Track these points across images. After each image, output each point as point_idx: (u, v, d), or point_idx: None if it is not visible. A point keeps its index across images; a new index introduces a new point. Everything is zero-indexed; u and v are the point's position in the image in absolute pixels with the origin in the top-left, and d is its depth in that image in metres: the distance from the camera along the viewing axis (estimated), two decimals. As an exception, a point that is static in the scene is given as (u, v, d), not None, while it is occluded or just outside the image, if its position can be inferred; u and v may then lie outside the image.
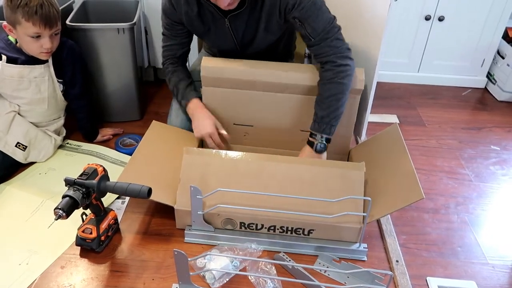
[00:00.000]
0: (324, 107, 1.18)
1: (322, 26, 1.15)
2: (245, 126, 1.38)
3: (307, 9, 1.13)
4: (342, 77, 1.16)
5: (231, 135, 1.38)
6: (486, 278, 1.10)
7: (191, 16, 1.24)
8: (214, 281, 1.03)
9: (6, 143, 1.36)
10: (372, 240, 1.18)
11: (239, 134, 1.39)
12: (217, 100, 1.34)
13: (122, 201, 1.30)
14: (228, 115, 1.36)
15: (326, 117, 1.18)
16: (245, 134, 1.39)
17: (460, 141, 1.70)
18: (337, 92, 1.17)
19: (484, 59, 2.05)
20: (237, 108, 1.35)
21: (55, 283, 1.04)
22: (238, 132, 1.39)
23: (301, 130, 1.35)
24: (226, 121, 1.36)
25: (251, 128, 1.38)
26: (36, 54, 1.31)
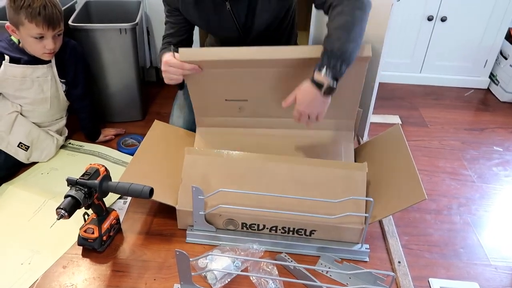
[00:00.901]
0: (332, 40, 0.99)
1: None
2: (238, 101, 1.26)
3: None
4: (352, 8, 1.00)
5: (224, 111, 1.28)
6: (489, 279, 1.10)
7: (187, 3, 1.19)
8: (215, 281, 1.03)
9: (9, 143, 1.36)
10: (374, 241, 1.18)
11: (233, 108, 1.28)
12: (202, 80, 1.19)
13: (124, 201, 1.30)
14: (218, 93, 1.24)
15: (337, 51, 0.98)
16: (239, 108, 1.28)
17: (462, 142, 1.69)
18: (347, 22, 0.99)
19: (487, 60, 2.04)
20: (227, 87, 1.22)
21: (57, 283, 1.04)
22: (232, 107, 1.28)
23: None
24: (216, 99, 1.25)
25: (246, 102, 1.27)
26: (39, 55, 1.31)
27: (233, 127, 1.32)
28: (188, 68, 1.11)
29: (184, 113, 1.42)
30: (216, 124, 1.32)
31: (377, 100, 1.44)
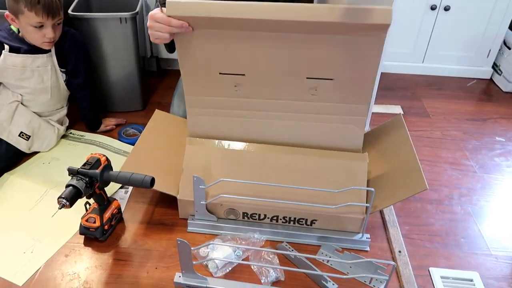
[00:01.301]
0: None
1: None
2: (234, 75, 1.07)
3: None
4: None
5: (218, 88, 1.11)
6: (489, 269, 1.10)
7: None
8: (216, 270, 1.03)
9: (10, 132, 1.36)
10: (375, 230, 1.18)
11: (229, 86, 1.10)
12: (194, 47, 1.02)
13: (125, 190, 1.30)
14: (211, 62, 1.05)
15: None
16: (236, 85, 1.10)
17: (464, 132, 1.69)
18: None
19: (490, 49, 2.02)
20: (222, 55, 1.03)
21: (60, 271, 1.04)
22: (227, 83, 1.09)
23: (308, 77, 1.06)
24: (209, 71, 1.07)
25: (243, 77, 1.08)
26: (39, 44, 1.30)
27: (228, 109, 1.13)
28: (175, 25, 0.94)
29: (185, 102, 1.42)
30: (208, 106, 1.15)
31: (379, 90, 1.43)
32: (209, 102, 1.09)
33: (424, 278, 1.06)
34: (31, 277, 1.03)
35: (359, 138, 1.16)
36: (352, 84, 1.06)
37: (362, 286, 1.03)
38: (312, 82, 1.07)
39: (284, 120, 1.13)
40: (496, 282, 1.07)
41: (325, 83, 1.04)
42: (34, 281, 1.02)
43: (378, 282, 1.03)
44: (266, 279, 1.02)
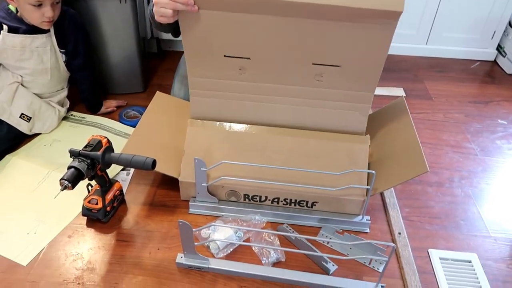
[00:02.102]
0: None
1: None
2: (239, 58, 1.06)
3: None
4: None
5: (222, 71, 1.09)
6: (488, 250, 1.11)
7: None
8: (218, 251, 1.05)
9: (11, 114, 1.36)
10: (375, 212, 1.19)
11: (233, 69, 1.09)
12: (199, 25, 1.00)
13: (127, 172, 1.30)
14: (216, 45, 1.03)
15: None
16: (240, 68, 1.09)
17: (466, 115, 1.68)
18: None
19: (495, 31, 2.00)
20: (227, 37, 1.02)
21: (63, 252, 1.06)
22: (231, 66, 1.08)
23: (314, 63, 1.05)
24: (213, 53, 1.06)
25: (248, 61, 1.06)
26: (38, 24, 1.28)
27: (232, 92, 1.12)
28: (181, 2, 0.93)
29: (185, 85, 1.41)
30: (212, 88, 1.13)
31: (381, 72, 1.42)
32: (212, 84, 1.08)
33: (423, 260, 1.07)
34: (35, 257, 1.04)
35: (363, 125, 1.16)
36: (359, 72, 1.05)
37: (362, 267, 1.04)
38: (318, 68, 1.06)
39: (287, 105, 1.12)
40: (494, 263, 1.08)
41: (331, 70, 1.03)
42: (38, 262, 1.03)
43: (377, 263, 1.04)
44: (267, 260, 1.03)
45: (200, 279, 1.00)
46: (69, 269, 1.02)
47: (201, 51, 1.06)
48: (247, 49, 1.04)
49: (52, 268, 1.02)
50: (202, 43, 1.04)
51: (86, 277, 1.00)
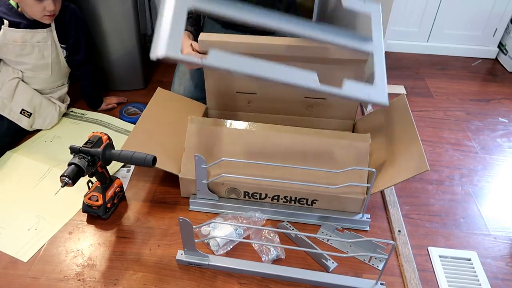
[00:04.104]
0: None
1: None
2: (248, 94, 1.33)
3: None
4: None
5: (235, 103, 1.35)
6: (488, 248, 1.11)
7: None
8: (218, 248, 1.05)
9: (11, 109, 1.36)
10: (375, 210, 1.19)
11: (243, 102, 1.36)
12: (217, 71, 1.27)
13: (127, 169, 1.31)
14: (230, 84, 1.31)
15: None
16: (248, 102, 1.36)
17: (467, 112, 1.68)
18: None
19: (497, 28, 1.99)
20: (239, 78, 1.29)
21: (63, 248, 1.06)
22: (242, 100, 1.35)
23: (306, 97, 1.31)
24: (228, 90, 1.33)
25: (254, 96, 1.33)
26: (39, 18, 1.28)
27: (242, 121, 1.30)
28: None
29: (185, 81, 1.41)
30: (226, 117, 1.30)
31: (382, 69, 1.42)
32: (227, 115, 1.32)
33: (423, 257, 1.08)
34: (35, 253, 1.04)
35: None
36: (339, 104, 1.31)
37: (362, 265, 1.04)
38: (309, 101, 1.32)
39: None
40: (494, 261, 1.08)
41: (319, 102, 1.29)
42: (38, 258, 1.04)
43: (377, 261, 1.05)
44: (266, 257, 1.03)
45: (200, 275, 1.00)
46: (69, 266, 1.02)
47: (219, 90, 1.33)
48: (254, 87, 1.31)
49: (53, 264, 1.02)
50: (220, 83, 1.31)
51: (86, 273, 1.00)
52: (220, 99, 1.36)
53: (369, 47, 0.90)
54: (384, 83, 0.83)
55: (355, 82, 0.86)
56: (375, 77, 0.83)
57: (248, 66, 0.79)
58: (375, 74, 0.84)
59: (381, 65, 0.86)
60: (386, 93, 0.82)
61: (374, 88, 0.82)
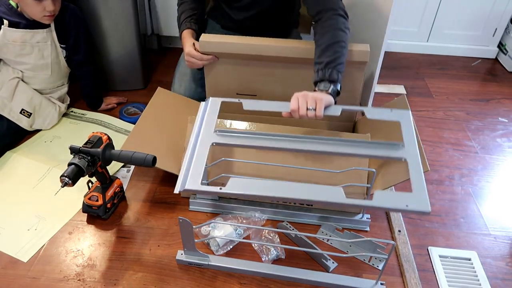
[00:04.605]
0: (330, 54, 1.03)
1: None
2: (248, 95, 1.33)
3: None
4: (346, 27, 1.08)
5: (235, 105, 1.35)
6: (488, 248, 1.11)
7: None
8: (218, 248, 1.05)
9: (11, 109, 1.36)
10: (375, 210, 1.19)
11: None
12: (218, 71, 1.29)
13: (127, 169, 1.31)
14: (231, 85, 1.32)
15: (332, 63, 1.03)
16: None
17: (467, 112, 1.68)
18: (343, 40, 1.05)
19: (496, 28, 1.99)
20: (239, 79, 1.30)
21: (63, 248, 1.06)
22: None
23: None
24: (228, 91, 1.34)
25: (254, 98, 1.33)
26: (39, 18, 1.28)
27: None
28: (206, 59, 1.23)
29: (185, 81, 1.41)
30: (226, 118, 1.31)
31: (382, 69, 1.42)
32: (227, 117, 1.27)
33: (423, 257, 1.08)
34: (35, 253, 1.04)
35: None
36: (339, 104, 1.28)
37: (362, 265, 1.04)
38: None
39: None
40: (494, 261, 1.08)
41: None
42: (38, 258, 1.04)
43: (377, 260, 1.05)
44: (266, 257, 1.03)
45: (200, 275, 1.00)
46: (69, 266, 1.02)
47: (219, 90, 1.32)
48: (254, 89, 1.31)
49: (53, 264, 1.02)
50: (220, 83, 1.31)
51: (86, 273, 1.00)
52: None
53: (402, 154, 0.88)
54: (424, 190, 0.79)
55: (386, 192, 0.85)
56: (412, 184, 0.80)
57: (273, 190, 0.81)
58: (412, 182, 0.81)
59: (418, 172, 0.83)
60: (427, 199, 0.77)
61: (412, 196, 0.78)
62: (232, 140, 0.90)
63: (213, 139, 0.89)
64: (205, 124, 0.94)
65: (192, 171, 0.82)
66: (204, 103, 1.00)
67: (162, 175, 1.27)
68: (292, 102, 0.98)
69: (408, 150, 0.89)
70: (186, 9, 1.33)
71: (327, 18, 1.08)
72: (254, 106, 1.00)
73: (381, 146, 0.89)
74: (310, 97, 0.97)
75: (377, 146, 0.89)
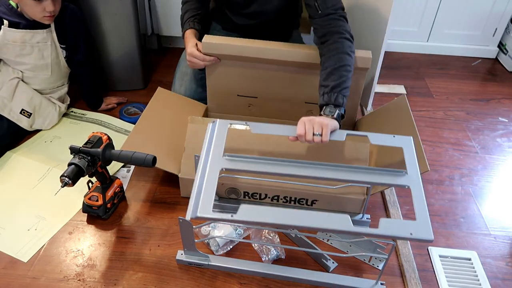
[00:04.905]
0: (336, 78, 1.06)
1: (333, 2, 1.11)
2: (249, 97, 1.35)
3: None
4: (351, 51, 1.10)
5: (236, 106, 1.36)
6: (488, 248, 1.11)
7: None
8: (218, 248, 1.05)
9: (11, 109, 1.36)
10: (375, 210, 1.19)
11: (244, 105, 1.37)
12: (219, 73, 1.29)
13: (127, 169, 1.31)
14: (232, 87, 1.33)
15: (338, 87, 1.05)
16: (249, 105, 1.37)
17: (467, 112, 1.68)
18: (348, 63, 1.08)
19: (496, 28, 1.99)
20: (241, 81, 1.31)
21: (63, 248, 1.06)
22: (243, 103, 1.36)
23: (306, 102, 1.33)
24: (229, 92, 1.34)
25: (255, 99, 1.35)
26: (39, 19, 1.28)
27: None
28: (208, 60, 1.24)
29: (186, 81, 1.41)
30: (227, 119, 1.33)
31: (382, 69, 1.42)
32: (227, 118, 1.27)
33: (423, 257, 1.08)
34: (35, 253, 1.04)
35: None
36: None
37: (362, 265, 1.04)
38: (309, 106, 1.33)
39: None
40: (494, 261, 1.08)
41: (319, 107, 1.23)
42: (38, 258, 1.04)
43: (377, 260, 1.05)
44: (267, 257, 1.03)
45: (200, 276, 1.00)
46: (69, 266, 1.02)
47: (220, 91, 1.34)
48: (255, 90, 1.33)
49: (53, 264, 1.02)
50: (221, 84, 1.32)
51: (86, 273, 1.00)
52: (221, 101, 1.37)
53: (405, 181, 0.90)
54: (427, 218, 0.81)
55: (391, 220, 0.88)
56: (415, 212, 0.83)
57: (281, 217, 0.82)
58: (416, 209, 0.83)
59: (421, 200, 0.85)
60: (430, 227, 0.80)
61: (416, 224, 0.80)
62: (240, 165, 0.92)
63: (222, 164, 0.91)
64: (214, 148, 0.94)
65: (203, 197, 0.83)
66: (212, 125, 1.00)
67: (162, 175, 1.27)
68: (299, 127, 0.99)
69: (411, 178, 0.91)
70: (190, 9, 1.33)
71: (333, 41, 1.09)
72: (261, 129, 1.01)
73: (385, 173, 0.92)
74: (317, 123, 0.98)
75: (381, 173, 0.92)
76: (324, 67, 1.09)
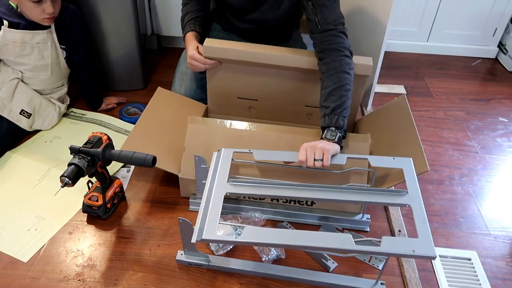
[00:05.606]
0: (335, 99, 1.06)
1: (333, 18, 1.11)
2: (249, 100, 1.35)
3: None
4: (350, 68, 1.10)
5: (236, 108, 1.36)
6: (488, 248, 1.11)
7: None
8: (218, 248, 1.05)
9: (11, 110, 1.36)
10: (375, 210, 1.19)
11: (244, 107, 1.37)
12: (220, 76, 1.30)
13: (127, 169, 1.31)
14: (232, 89, 1.33)
15: (338, 108, 1.06)
16: (249, 107, 1.37)
17: (467, 112, 1.68)
18: (348, 82, 1.08)
19: (496, 28, 1.99)
20: (241, 84, 1.31)
21: (63, 248, 1.06)
22: (243, 105, 1.36)
23: (306, 105, 1.33)
24: (230, 95, 1.34)
25: (256, 102, 1.35)
26: (39, 20, 1.28)
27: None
28: (209, 63, 1.25)
29: (186, 81, 1.41)
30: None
31: (382, 69, 1.42)
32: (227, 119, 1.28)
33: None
34: (35, 254, 1.04)
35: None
36: None
37: (362, 265, 1.04)
38: (309, 109, 1.33)
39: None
40: (494, 261, 1.08)
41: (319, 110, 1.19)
42: (38, 258, 1.04)
43: (377, 260, 1.05)
44: (267, 257, 1.03)
45: (200, 276, 1.00)
46: (69, 266, 1.02)
47: (220, 93, 1.34)
48: (256, 93, 1.33)
49: (53, 264, 1.02)
50: (222, 87, 1.33)
51: (86, 273, 1.00)
52: (221, 103, 1.37)
53: (406, 200, 0.91)
54: (429, 235, 0.82)
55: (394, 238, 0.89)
56: (417, 230, 0.84)
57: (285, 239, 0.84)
58: (417, 227, 0.84)
59: (423, 218, 0.86)
60: (432, 244, 0.81)
61: (418, 242, 0.81)
62: (244, 189, 0.95)
63: (226, 189, 0.93)
64: (219, 174, 0.97)
65: (208, 221, 0.85)
66: (217, 154, 1.03)
67: (162, 175, 1.27)
68: (301, 153, 1.01)
69: (412, 197, 0.92)
70: (191, 11, 1.32)
71: (331, 59, 1.10)
72: (264, 156, 1.03)
73: (386, 193, 0.93)
74: (318, 149, 1.00)
75: (383, 193, 0.93)
76: (323, 87, 1.10)
